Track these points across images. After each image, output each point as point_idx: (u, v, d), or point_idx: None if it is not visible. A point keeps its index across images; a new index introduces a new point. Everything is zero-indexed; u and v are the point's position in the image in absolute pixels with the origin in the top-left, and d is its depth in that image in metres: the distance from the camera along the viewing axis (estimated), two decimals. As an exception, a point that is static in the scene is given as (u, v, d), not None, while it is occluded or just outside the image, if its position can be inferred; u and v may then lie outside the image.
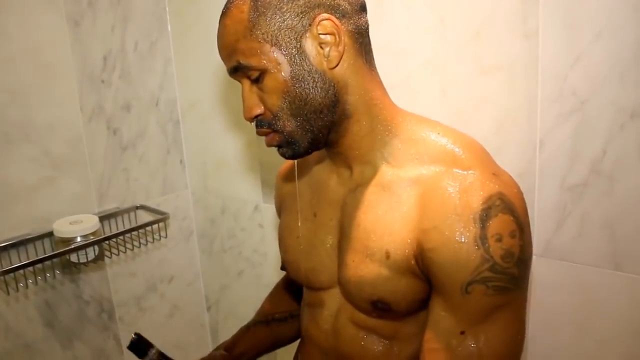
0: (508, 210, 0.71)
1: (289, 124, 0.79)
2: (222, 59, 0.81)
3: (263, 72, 0.76)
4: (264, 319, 1.16)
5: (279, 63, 0.75)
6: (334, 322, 0.91)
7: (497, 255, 0.70)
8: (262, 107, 0.80)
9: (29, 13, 1.41)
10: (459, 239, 0.71)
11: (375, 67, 0.84)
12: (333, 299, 0.91)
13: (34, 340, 1.51)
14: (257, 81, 0.78)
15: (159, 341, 1.84)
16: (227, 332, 1.92)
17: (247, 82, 0.80)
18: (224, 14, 0.79)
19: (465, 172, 0.75)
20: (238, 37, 0.76)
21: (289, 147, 0.81)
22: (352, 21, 0.78)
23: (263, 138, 0.83)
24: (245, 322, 1.80)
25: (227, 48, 0.78)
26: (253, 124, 0.83)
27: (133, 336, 0.99)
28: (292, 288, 1.18)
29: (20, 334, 1.48)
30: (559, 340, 1.13)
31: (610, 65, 0.95)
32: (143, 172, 1.73)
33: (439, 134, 0.81)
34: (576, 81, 0.99)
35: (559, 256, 1.08)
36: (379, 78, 0.84)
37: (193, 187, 1.86)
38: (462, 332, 0.74)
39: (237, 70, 0.79)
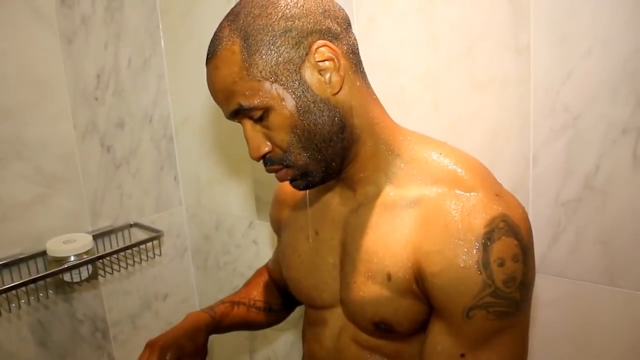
0: (511, 233, 0.70)
1: (300, 158, 0.77)
2: (219, 103, 0.79)
3: (267, 110, 0.75)
4: (246, 302, 1.14)
5: (282, 99, 0.74)
6: (336, 341, 0.90)
7: (499, 280, 0.69)
8: (270, 145, 0.78)
9: (22, 30, 1.41)
10: (461, 263, 0.70)
11: (370, 84, 0.83)
12: (336, 318, 0.90)
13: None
14: (260, 119, 0.76)
15: (154, 359, 1.83)
16: (222, 349, 1.91)
17: (249, 122, 0.78)
18: (212, 57, 0.76)
19: (467, 194, 0.74)
20: (234, 79, 0.74)
21: (303, 179, 0.80)
22: (344, 42, 0.77)
23: None
24: (239, 337, 1.79)
25: (224, 92, 0.76)
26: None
27: None
28: (278, 285, 1.18)
29: (13, 354, 1.46)
30: (554, 355, 1.12)
31: (602, 80, 0.95)
32: (137, 189, 1.72)
33: (440, 154, 0.80)
34: (568, 97, 0.99)
35: (553, 272, 1.07)
36: (375, 95, 0.83)
37: (187, 203, 1.86)
38: (462, 355, 0.73)
39: (238, 113, 0.77)
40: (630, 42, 0.92)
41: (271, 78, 0.73)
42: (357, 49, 0.81)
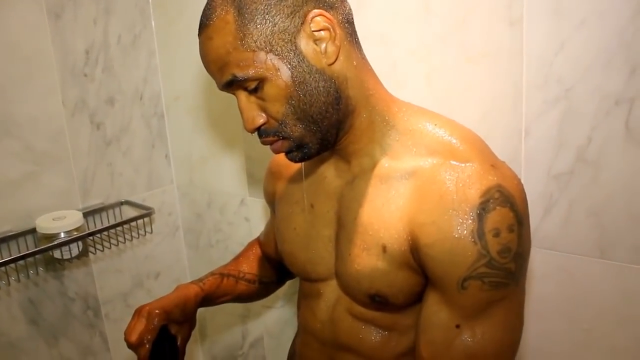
0: (507, 203, 0.70)
1: (296, 129, 0.76)
2: (211, 74, 0.78)
3: (262, 81, 0.74)
4: (235, 275, 1.15)
5: (277, 69, 0.72)
6: (331, 313, 0.90)
7: (493, 250, 0.69)
8: (265, 116, 0.77)
9: (7, 5, 1.38)
10: (456, 234, 0.70)
11: (364, 55, 0.82)
12: (330, 290, 0.90)
13: (18, 338, 1.49)
14: (255, 91, 0.75)
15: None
16: (216, 328, 1.91)
17: (243, 94, 0.77)
18: (205, 27, 0.75)
19: (463, 165, 0.73)
20: (228, 49, 0.73)
21: (299, 151, 0.79)
22: (340, 11, 0.76)
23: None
24: (232, 316, 1.79)
25: (217, 62, 0.75)
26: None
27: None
28: (269, 258, 1.18)
29: (3, 332, 1.45)
30: (546, 329, 1.12)
31: (595, 52, 0.95)
32: (128, 167, 1.70)
33: (436, 125, 0.79)
34: (561, 68, 0.99)
35: (545, 245, 1.07)
36: (370, 66, 0.82)
37: (179, 181, 1.84)
38: (458, 326, 0.73)
39: (232, 84, 0.75)
40: (624, 12, 0.91)
41: (266, 48, 0.72)
42: (352, 18, 0.80)
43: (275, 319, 1.70)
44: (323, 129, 0.77)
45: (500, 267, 0.70)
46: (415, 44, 1.15)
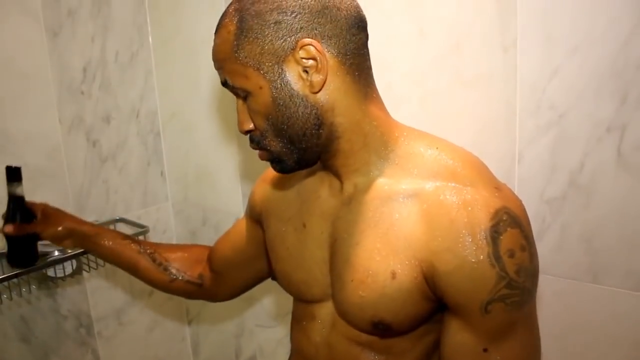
0: (515, 224, 0.71)
1: (274, 144, 0.79)
2: (216, 69, 0.82)
3: (248, 93, 0.77)
4: (143, 247, 1.20)
5: (260, 87, 0.75)
6: (327, 337, 0.89)
7: (511, 271, 0.70)
8: (252, 124, 0.80)
9: (6, 22, 1.39)
10: (473, 259, 0.71)
11: (373, 84, 0.82)
12: (325, 312, 0.89)
13: (9, 356, 1.48)
14: (244, 99, 0.79)
15: (140, 355, 1.82)
16: (209, 346, 1.90)
17: (238, 97, 0.81)
18: (216, 29, 0.79)
19: (467, 188, 0.74)
20: (225, 57, 0.77)
21: (277, 164, 0.82)
22: (340, 42, 0.76)
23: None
24: (226, 335, 1.79)
25: (217, 63, 0.79)
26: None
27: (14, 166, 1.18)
28: (213, 265, 1.16)
29: (-5, 349, 1.45)
30: (539, 354, 1.12)
31: (587, 79, 0.96)
32: (123, 184, 1.70)
33: (437, 148, 0.80)
34: (554, 94, 1.00)
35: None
36: (377, 93, 0.82)
37: (174, 199, 1.84)
38: (485, 350, 0.74)
39: (225, 86, 0.80)
40: (616, 40, 0.92)
41: (254, 65, 0.75)
42: (359, 50, 0.79)
43: (268, 338, 1.69)
44: (300, 149, 0.79)
45: (519, 286, 0.71)
46: (409, 68, 1.16)
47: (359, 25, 0.79)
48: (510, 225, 0.71)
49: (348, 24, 0.77)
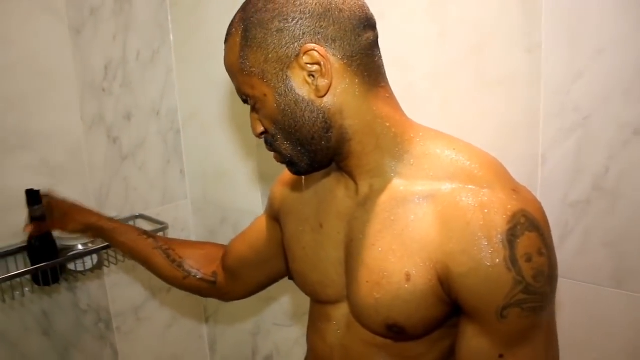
0: (533, 228, 0.70)
1: (285, 147, 0.80)
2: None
3: (255, 101, 0.79)
4: (158, 243, 1.21)
5: (265, 95, 0.77)
6: (342, 339, 0.89)
7: (528, 275, 0.69)
8: (263, 127, 0.82)
9: (31, 20, 1.41)
10: (488, 262, 0.69)
11: (384, 83, 0.81)
12: (341, 314, 0.89)
13: (31, 349, 1.50)
14: (254, 106, 0.81)
15: (157, 352, 1.83)
16: (226, 344, 1.91)
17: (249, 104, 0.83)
18: (225, 40, 0.81)
19: (484, 190, 0.72)
20: (233, 68, 0.79)
21: (291, 166, 0.83)
22: (344, 44, 0.75)
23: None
24: (243, 333, 1.79)
25: (230, 72, 0.81)
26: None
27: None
28: (226, 264, 1.16)
29: (16, 343, 1.46)
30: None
31: (613, 81, 0.94)
32: (143, 181, 1.72)
33: (454, 149, 0.78)
34: (578, 96, 0.98)
35: (560, 274, 1.05)
36: (390, 93, 0.81)
37: (193, 197, 1.85)
38: (501, 356, 0.73)
39: (238, 93, 0.82)
40: (643, 42, 0.91)
41: (259, 75, 0.76)
42: (368, 50, 0.78)
43: (285, 337, 1.69)
44: (311, 152, 0.80)
45: (536, 291, 0.70)
46: (431, 69, 1.15)
47: (365, 24, 0.77)
48: (527, 229, 0.69)
49: (352, 25, 0.76)
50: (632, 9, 0.91)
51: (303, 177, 0.95)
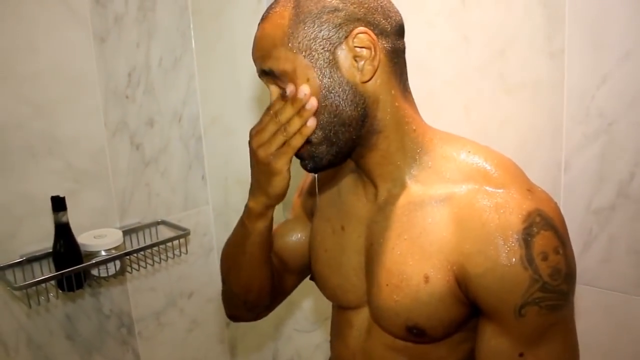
0: (549, 226, 0.70)
1: (316, 136, 0.77)
2: (254, 59, 0.80)
3: (293, 82, 0.76)
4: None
5: (307, 78, 0.75)
6: (363, 344, 0.89)
7: (545, 274, 0.69)
8: None
9: (57, 28, 1.43)
10: (505, 261, 0.70)
11: (409, 89, 0.83)
12: (362, 319, 0.89)
13: (55, 353, 1.52)
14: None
15: (178, 356, 1.85)
16: (246, 348, 1.91)
17: (275, 87, 0.80)
18: (264, 18, 0.78)
19: (499, 191, 0.73)
20: (275, 43, 0.75)
21: (311, 160, 0.81)
22: (389, 40, 0.78)
23: None
24: (263, 337, 1.79)
25: (262, 51, 0.78)
26: None
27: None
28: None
29: (41, 346, 1.49)
30: (584, 368, 1.09)
31: (638, 86, 0.93)
32: (165, 187, 1.73)
33: (469, 152, 0.79)
34: (603, 102, 0.97)
35: (584, 281, 1.05)
36: (412, 98, 0.83)
37: (214, 202, 1.87)
38: (521, 355, 0.73)
39: (267, 74, 0.78)
40: (669, 46, 0.89)
41: (305, 52, 0.74)
42: (403, 54, 0.81)
43: (307, 343, 1.69)
44: (341, 142, 0.78)
45: (554, 289, 0.70)
46: (453, 74, 1.15)
47: (402, 33, 0.81)
48: (543, 228, 0.70)
49: (396, 28, 0.79)
50: (657, 13, 0.90)
51: (330, 175, 0.95)
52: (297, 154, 0.81)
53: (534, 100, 1.05)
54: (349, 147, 0.80)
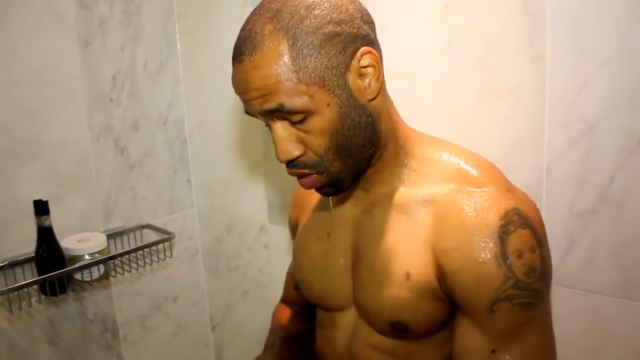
0: (526, 225, 0.72)
1: (335, 164, 0.76)
2: (249, 100, 0.74)
3: (309, 114, 0.72)
4: (293, 335, 1.08)
5: (327, 104, 0.72)
6: (349, 345, 0.90)
7: (519, 272, 0.71)
8: (302, 149, 0.76)
9: (41, 32, 1.42)
10: (480, 258, 0.71)
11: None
12: (348, 320, 0.90)
13: (38, 358, 1.50)
14: (298, 122, 0.74)
15: (162, 361, 1.83)
16: (232, 352, 1.91)
17: (281, 123, 0.75)
18: (252, 55, 0.72)
19: (479, 190, 0.75)
20: (279, 80, 0.70)
21: (332, 187, 0.79)
22: (378, 49, 0.78)
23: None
24: (249, 342, 1.79)
25: (262, 90, 0.72)
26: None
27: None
28: (304, 312, 1.14)
29: (24, 352, 1.47)
30: (567, 369, 1.10)
31: (619, 90, 0.94)
32: (150, 191, 1.73)
33: (451, 153, 0.81)
34: (584, 106, 0.98)
35: (567, 283, 1.06)
36: (391, 99, 0.84)
37: (199, 206, 1.86)
38: (493, 351, 0.74)
39: (274, 112, 0.73)
40: (648, 52, 0.91)
41: (320, 82, 0.72)
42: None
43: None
44: (357, 164, 0.78)
45: (527, 287, 0.71)
46: (437, 79, 1.16)
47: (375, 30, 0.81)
48: (520, 226, 0.71)
49: (375, 30, 0.79)
50: (636, 18, 0.91)
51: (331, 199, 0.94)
52: (317, 186, 0.79)
53: (517, 105, 1.06)
54: (365, 166, 0.80)
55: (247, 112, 0.77)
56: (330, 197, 0.94)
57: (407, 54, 1.19)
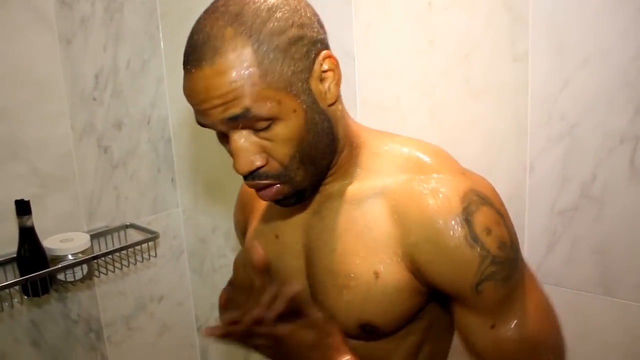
0: (486, 202, 0.73)
1: (299, 172, 0.73)
2: (210, 108, 0.70)
3: (275, 121, 0.69)
4: None
5: (294, 110, 0.70)
6: None
7: (493, 247, 0.71)
8: (264, 158, 0.72)
9: (21, 30, 1.41)
10: (452, 244, 0.71)
11: None
12: None
13: (20, 360, 1.49)
14: (261, 130, 0.70)
15: (147, 362, 1.82)
16: (218, 353, 1.90)
17: (241, 133, 0.71)
18: (212, 60, 0.68)
19: (434, 176, 0.74)
20: (243, 85, 0.67)
21: (294, 197, 0.77)
22: (331, 50, 0.76)
23: None
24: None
25: (225, 97, 0.68)
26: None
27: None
28: None
29: (6, 354, 1.45)
30: (549, 366, 1.11)
31: (600, 89, 0.95)
32: (133, 190, 1.71)
33: (399, 143, 0.81)
34: (565, 105, 0.99)
35: (549, 280, 1.07)
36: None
37: (184, 205, 1.85)
38: (493, 326, 0.75)
39: (238, 119, 0.69)
40: (628, 51, 0.92)
41: (287, 87, 0.69)
42: None
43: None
44: (319, 171, 0.76)
45: (503, 260, 0.72)
46: (419, 78, 1.16)
47: None
48: (481, 204, 0.72)
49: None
50: (616, 19, 0.92)
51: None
52: (279, 197, 0.76)
53: (499, 104, 1.06)
54: (325, 173, 0.79)
55: (202, 124, 0.73)
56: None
57: (388, 53, 1.19)
